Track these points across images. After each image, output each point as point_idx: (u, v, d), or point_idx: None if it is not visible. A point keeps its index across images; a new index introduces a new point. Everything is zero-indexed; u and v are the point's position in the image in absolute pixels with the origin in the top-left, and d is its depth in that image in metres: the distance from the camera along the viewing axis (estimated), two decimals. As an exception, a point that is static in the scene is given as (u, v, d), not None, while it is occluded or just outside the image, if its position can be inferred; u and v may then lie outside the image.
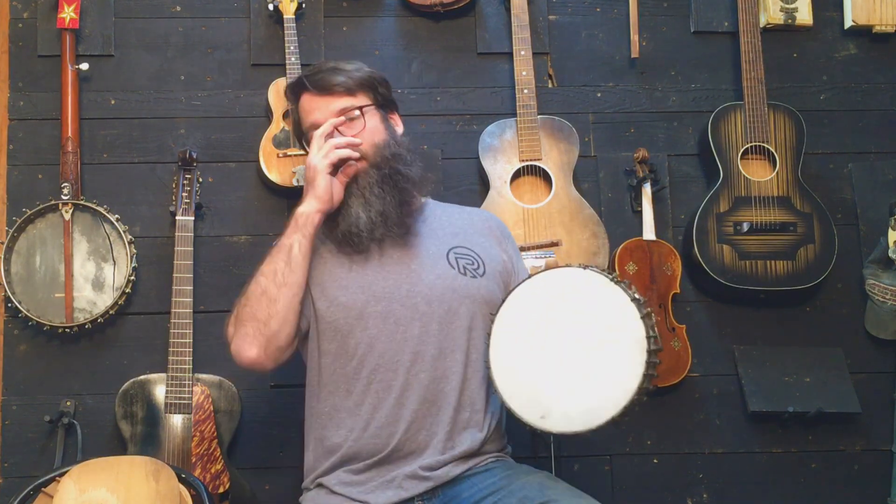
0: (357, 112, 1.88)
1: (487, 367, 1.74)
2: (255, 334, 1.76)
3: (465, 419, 1.80)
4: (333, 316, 1.82)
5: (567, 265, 1.77)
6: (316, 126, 1.88)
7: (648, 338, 1.61)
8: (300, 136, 2.00)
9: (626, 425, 2.52)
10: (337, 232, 1.85)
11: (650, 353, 1.60)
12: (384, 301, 1.82)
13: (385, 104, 1.96)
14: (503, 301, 1.76)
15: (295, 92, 1.96)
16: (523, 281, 1.77)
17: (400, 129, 1.98)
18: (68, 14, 2.47)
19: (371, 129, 1.89)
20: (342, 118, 1.86)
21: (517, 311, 1.74)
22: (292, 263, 1.79)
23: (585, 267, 1.72)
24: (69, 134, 2.45)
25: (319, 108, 1.90)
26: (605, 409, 1.62)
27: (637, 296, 1.65)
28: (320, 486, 1.82)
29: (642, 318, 1.62)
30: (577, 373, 1.66)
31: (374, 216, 1.82)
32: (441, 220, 1.98)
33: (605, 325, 1.66)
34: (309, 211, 1.81)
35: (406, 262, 1.86)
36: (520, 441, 2.24)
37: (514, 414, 1.70)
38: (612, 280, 1.67)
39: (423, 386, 1.78)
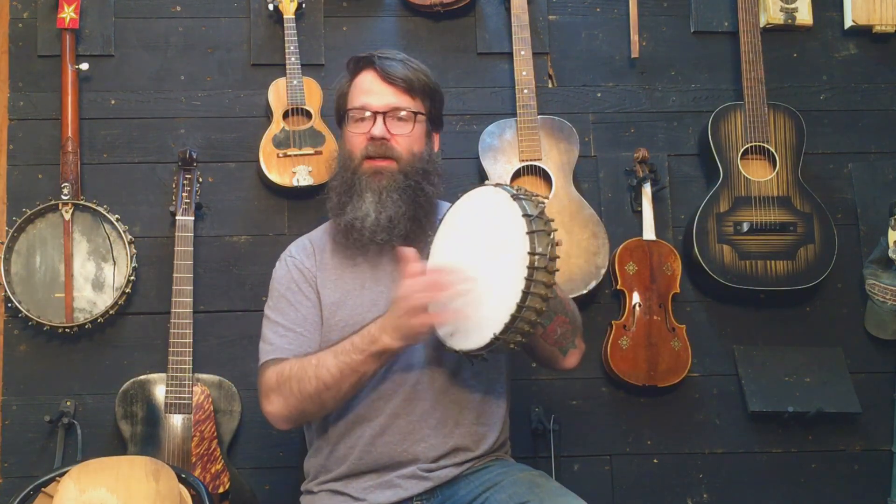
0: (404, 113, 1.84)
1: None
2: (296, 416, 1.78)
3: (467, 428, 1.80)
4: (346, 334, 1.78)
5: (482, 185, 1.73)
6: (366, 109, 1.84)
7: (531, 254, 1.55)
8: (340, 109, 1.93)
9: (625, 424, 2.53)
10: (341, 220, 1.83)
11: (532, 269, 1.54)
12: None
13: (434, 120, 1.93)
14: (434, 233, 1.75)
15: (358, 66, 1.90)
16: (447, 210, 1.75)
17: (437, 149, 1.95)
18: (68, 14, 2.46)
19: (414, 137, 1.86)
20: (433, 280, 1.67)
21: (441, 242, 1.74)
22: (356, 387, 1.74)
23: (498, 185, 1.67)
24: (69, 134, 2.45)
25: (377, 93, 1.84)
26: (490, 327, 1.58)
27: (531, 211, 1.58)
28: (321, 489, 1.83)
29: (528, 234, 1.56)
30: (480, 292, 1.62)
31: (384, 220, 1.81)
32: None
33: (501, 241, 1.61)
34: (395, 348, 1.68)
35: None
36: (520, 441, 2.25)
37: (437, 335, 1.69)
38: (513, 196, 1.62)
39: (427, 398, 1.79)
